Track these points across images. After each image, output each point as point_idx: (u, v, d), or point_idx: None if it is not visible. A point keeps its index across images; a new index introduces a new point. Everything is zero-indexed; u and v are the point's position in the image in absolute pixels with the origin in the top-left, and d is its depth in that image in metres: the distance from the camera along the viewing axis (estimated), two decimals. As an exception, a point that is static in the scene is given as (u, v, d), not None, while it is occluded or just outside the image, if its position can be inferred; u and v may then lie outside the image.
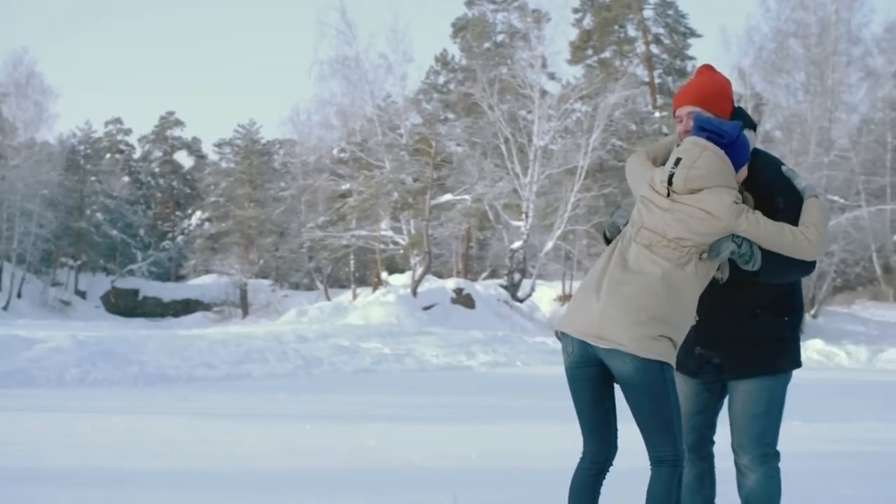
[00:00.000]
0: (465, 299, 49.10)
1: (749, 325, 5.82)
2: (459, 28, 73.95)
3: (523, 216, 55.25)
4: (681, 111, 5.95)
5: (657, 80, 73.81)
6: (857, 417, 16.72)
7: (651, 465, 5.72)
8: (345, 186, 62.47)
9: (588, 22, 73.76)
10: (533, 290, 56.72)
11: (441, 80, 75.79)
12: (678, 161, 5.69)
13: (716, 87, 5.95)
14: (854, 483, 9.83)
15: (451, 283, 51.37)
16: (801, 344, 6.24)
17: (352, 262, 68.66)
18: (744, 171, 5.80)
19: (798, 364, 6.01)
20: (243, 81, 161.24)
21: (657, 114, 65.60)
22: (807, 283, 48.25)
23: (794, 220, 5.64)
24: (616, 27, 73.39)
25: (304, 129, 74.20)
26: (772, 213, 5.63)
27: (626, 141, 61.36)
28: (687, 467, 5.89)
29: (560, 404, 18.11)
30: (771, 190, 5.74)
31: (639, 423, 5.71)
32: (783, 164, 5.93)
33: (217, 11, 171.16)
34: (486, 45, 71.66)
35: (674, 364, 5.60)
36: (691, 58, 74.52)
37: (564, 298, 62.49)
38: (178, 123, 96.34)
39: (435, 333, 35.00)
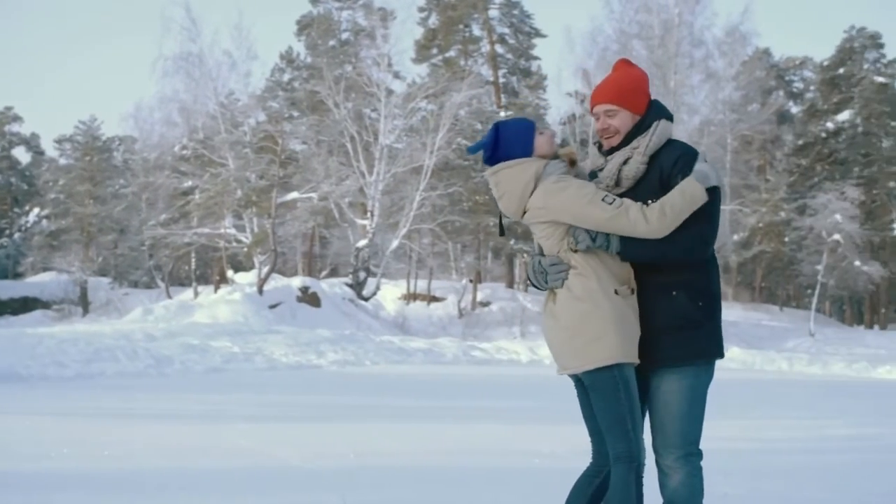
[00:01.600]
0: (311, 298, 48.95)
1: (665, 306, 5.78)
2: (304, 26, 73.76)
3: (369, 214, 55.31)
4: (597, 109, 6.02)
5: (502, 80, 74.45)
6: (715, 415, 16.96)
7: (611, 464, 5.81)
8: (187, 184, 61.91)
9: (433, 21, 74.06)
10: (378, 288, 56.80)
11: (286, 77, 75.48)
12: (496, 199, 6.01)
13: (630, 83, 6.00)
14: (730, 481, 9.94)
15: (296, 282, 51.20)
16: None
17: (193, 260, 68.08)
18: (542, 142, 5.89)
19: (717, 354, 5.94)
20: (85, 77, 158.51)
21: (502, 113, 65.99)
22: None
23: None
24: (461, 26, 73.80)
25: (145, 125, 73.51)
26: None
27: (472, 140, 61.67)
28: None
29: (417, 403, 18.30)
30: (673, 170, 5.78)
31: (599, 424, 5.87)
32: (699, 153, 5.88)
33: (59, 4, 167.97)
34: (332, 42, 71.59)
35: (623, 358, 5.67)
36: (536, 58, 75.33)
37: (409, 297, 62.65)
38: (17, 119, 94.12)
39: (283, 332, 34.73)
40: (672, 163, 5.79)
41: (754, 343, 49.95)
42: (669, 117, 6.01)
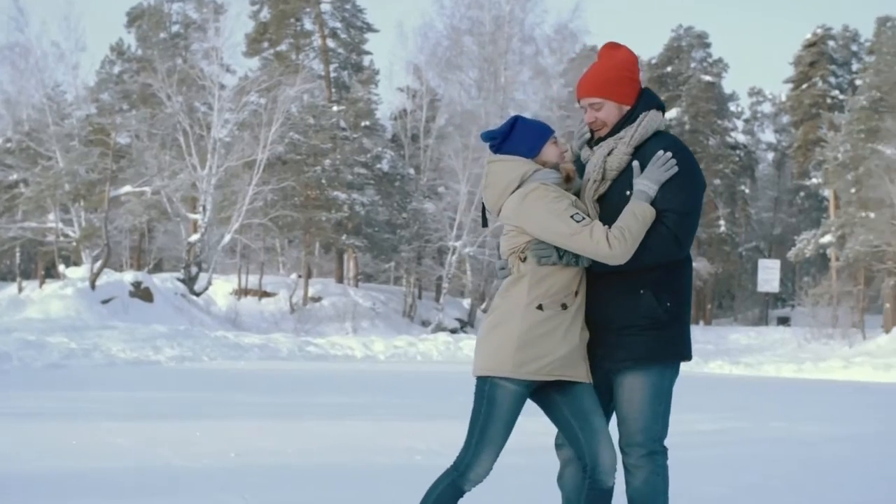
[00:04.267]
0: (143, 293, 48.39)
1: (630, 305, 5.72)
2: (135, 17, 72.55)
3: (201, 209, 54.86)
4: (583, 102, 5.98)
5: (333, 75, 74.23)
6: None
7: None
8: (12, 177, 60.78)
9: (265, 14, 73.55)
10: (210, 283, 56.32)
11: (117, 69, 74.24)
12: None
13: (615, 72, 5.94)
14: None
15: (128, 276, 50.48)
16: None
17: (17, 254, 66.78)
18: (550, 151, 5.81)
19: (682, 356, 5.89)
20: None
21: (334, 107, 65.94)
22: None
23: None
24: (293, 20, 73.39)
25: (-33, 117, 71.87)
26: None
27: (304, 135, 61.57)
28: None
29: (273, 400, 18.27)
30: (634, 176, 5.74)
31: None
32: (679, 151, 5.79)
33: None
34: (163, 35, 70.65)
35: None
36: (368, 52, 75.17)
37: (241, 292, 62.26)
38: None
39: (118, 327, 34.50)
40: (642, 165, 5.73)
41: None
42: (660, 106, 5.98)
